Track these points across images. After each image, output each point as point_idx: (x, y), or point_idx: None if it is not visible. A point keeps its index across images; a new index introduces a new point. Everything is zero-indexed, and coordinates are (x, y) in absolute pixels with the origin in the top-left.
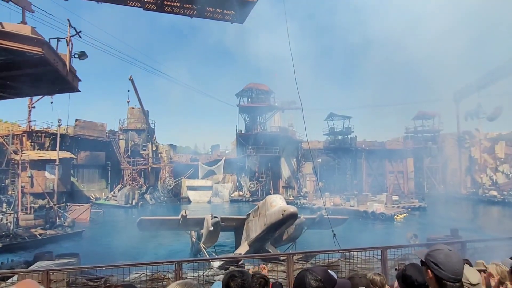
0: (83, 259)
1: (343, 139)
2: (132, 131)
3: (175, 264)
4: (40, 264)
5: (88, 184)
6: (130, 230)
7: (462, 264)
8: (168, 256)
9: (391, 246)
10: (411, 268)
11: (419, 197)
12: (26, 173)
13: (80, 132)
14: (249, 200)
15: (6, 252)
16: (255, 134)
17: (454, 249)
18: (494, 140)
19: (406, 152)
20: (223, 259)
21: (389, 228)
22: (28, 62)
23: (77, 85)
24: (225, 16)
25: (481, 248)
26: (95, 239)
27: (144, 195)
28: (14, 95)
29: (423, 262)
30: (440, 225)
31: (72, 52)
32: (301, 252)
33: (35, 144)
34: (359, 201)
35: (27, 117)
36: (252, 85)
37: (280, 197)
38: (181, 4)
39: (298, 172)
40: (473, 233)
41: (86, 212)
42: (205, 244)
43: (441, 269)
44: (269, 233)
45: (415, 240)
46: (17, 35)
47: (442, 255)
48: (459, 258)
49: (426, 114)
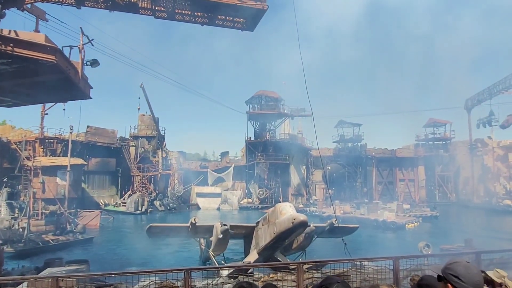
0: (93, 265)
1: (353, 147)
2: (143, 138)
3: (184, 272)
4: (50, 270)
5: (99, 190)
6: (139, 236)
7: (481, 276)
8: (177, 263)
9: (403, 256)
10: (428, 277)
11: (430, 206)
12: (38, 179)
13: (91, 138)
14: (258, 207)
15: (19, 258)
16: (265, 141)
17: (470, 260)
18: (507, 148)
19: (417, 160)
20: (232, 267)
21: (401, 237)
22: (41, 70)
23: (89, 92)
24: (235, 24)
25: (497, 259)
26: (105, 246)
27: (153, 201)
28: (27, 102)
29: (440, 277)
30: (453, 235)
31: (84, 59)
32: (311, 261)
33: (47, 150)
34: (369, 209)
35: (40, 123)
36: (261, 92)
37: (290, 205)
38: (192, 12)
39: (308, 180)
40: (488, 244)
41: (96, 219)
42: (214, 252)
43: (462, 281)
44: (278, 242)
45: (427, 250)
46: (31, 43)
47: (461, 267)
48: (478, 269)
49: (437, 122)
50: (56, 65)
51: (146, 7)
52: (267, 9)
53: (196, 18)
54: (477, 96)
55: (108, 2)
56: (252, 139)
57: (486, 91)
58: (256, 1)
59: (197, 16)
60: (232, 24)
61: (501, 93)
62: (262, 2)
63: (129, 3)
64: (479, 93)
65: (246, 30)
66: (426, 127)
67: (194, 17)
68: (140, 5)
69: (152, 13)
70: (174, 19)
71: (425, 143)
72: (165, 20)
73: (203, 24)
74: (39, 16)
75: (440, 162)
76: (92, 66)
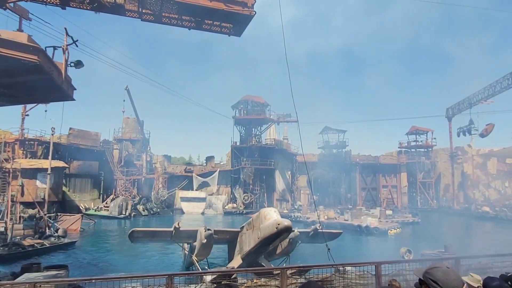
0: (72, 271)
1: (337, 153)
2: (127, 141)
3: (167, 278)
4: (28, 276)
5: (80, 194)
6: (121, 241)
7: (461, 281)
8: (160, 268)
9: (385, 262)
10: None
11: (412, 212)
12: (17, 182)
13: (74, 141)
14: (243, 212)
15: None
16: (250, 146)
17: (450, 265)
18: (486, 157)
19: (399, 166)
20: (216, 272)
21: (383, 242)
22: (23, 70)
23: (72, 93)
24: (223, 29)
25: (475, 265)
26: (86, 251)
27: (137, 206)
28: (8, 102)
29: (421, 281)
30: (433, 241)
31: (68, 60)
32: (295, 266)
33: (27, 152)
34: (353, 215)
35: (20, 125)
36: (247, 97)
37: (274, 210)
38: (179, 16)
39: (293, 185)
40: (467, 249)
41: (77, 223)
42: (198, 257)
43: (440, 286)
44: (262, 247)
45: (409, 255)
46: (13, 43)
47: (440, 272)
48: (458, 275)
49: (419, 130)
50: (39, 65)
51: (133, 10)
52: (254, 15)
53: (183, 22)
54: (458, 105)
55: (93, 3)
56: (238, 144)
57: (466, 101)
58: (244, 7)
59: (184, 20)
60: (220, 29)
61: (480, 103)
62: (249, 8)
63: (115, 5)
64: (459, 103)
65: (233, 35)
66: (409, 134)
67: (181, 21)
68: (126, 7)
69: (139, 16)
70: (161, 23)
71: (407, 150)
72: (152, 23)
73: (190, 28)
74: (23, 15)
75: (422, 169)
76: (76, 67)
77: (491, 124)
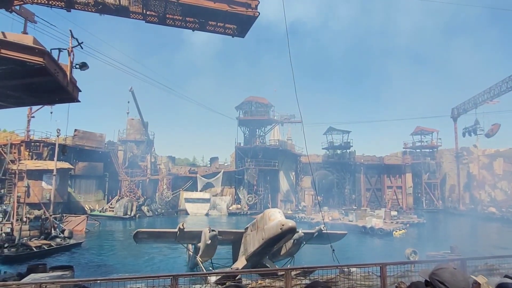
0: (77, 272)
1: (342, 154)
2: (131, 142)
3: (171, 279)
4: (33, 276)
5: (85, 195)
6: (126, 242)
7: (468, 282)
8: (164, 269)
9: (390, 263)
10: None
11: (417, 213)
12: (23, 183)
13: (79, 142)
14: (247, 213)
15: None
16: (254, 147)
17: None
18: (492, 157)
19: (404, 167)
20: (220, 273)
21: (388, 244)
22: (28, 72)
23: (77, 95)
24: (227, 30)
25: (482, 266)
26: (91, 252)
27: (141, 206)
28: (14, 104)
29: (428, 282)
30: (439, 242)
31: (73, 62)
32: (300, 267)
33: (33, 153)
34: (357, 216)
35: (26, 126)
36: (251, 98)
37: (278, 211)
38: (183, 17)
39: (297, 186)
40: (473, 251)
41: (82, 224)
42: (202, 258)
43: (447, 287)
44: (267, 248)
45: (414, 256)
46: (19, 45)
47: (447, 273)
48: (465, 276)
49: (424, 130)
50: (44, 67)
51: (137, 11)
52: (258, 16)
53: (187, 23)
54: (463, 105)
55: (98, 6)
56: (242, 145)
57: (472, 101)
58: (247, 8)
59: (188, 21)
60: (223, 30)
61: (486, 103)
62: (253, 9)
63: (120, 7)
64: (465, 103)
65: (237, 36)
66: (414, 135)
67: (185, 22)
68: (131, 9)
69: (143, 18)
70: (165, 24)
71: (412, 150)
72: (156, 25)
73: (194, 30)
74: (28, 18)
75: (427, 170)
76: (81, 69)
77: (497, 124)
